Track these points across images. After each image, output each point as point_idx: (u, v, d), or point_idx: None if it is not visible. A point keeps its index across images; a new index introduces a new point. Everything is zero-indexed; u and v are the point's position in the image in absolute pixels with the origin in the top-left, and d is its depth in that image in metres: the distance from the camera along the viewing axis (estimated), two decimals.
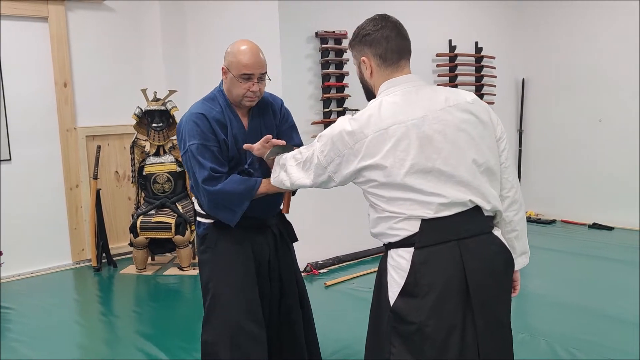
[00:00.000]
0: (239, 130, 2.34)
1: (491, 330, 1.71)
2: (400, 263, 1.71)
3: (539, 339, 3.27)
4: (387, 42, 1.80)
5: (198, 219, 2.47)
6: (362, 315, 3.16)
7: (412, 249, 1.69)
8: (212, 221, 2.39)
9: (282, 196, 2.42)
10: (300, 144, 2.48)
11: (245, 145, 2.26)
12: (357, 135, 1.70)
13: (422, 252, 1.67)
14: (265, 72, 2.31)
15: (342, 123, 1.75)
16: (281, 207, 2.43)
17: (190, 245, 5.05)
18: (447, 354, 1.65)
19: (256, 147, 2.21)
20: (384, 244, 1.81)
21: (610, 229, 5.86)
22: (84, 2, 5.19)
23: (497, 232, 1.82)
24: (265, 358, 2.38)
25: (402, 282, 1.69)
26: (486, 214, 1.76)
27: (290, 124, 2.56)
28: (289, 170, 1.95)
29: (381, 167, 1.67)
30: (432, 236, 1.68)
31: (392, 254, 1.75)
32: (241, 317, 2.34)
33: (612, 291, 4.08)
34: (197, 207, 2.46)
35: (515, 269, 1.91)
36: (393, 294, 1.72)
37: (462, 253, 1.68)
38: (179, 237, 4.83)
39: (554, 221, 6.30)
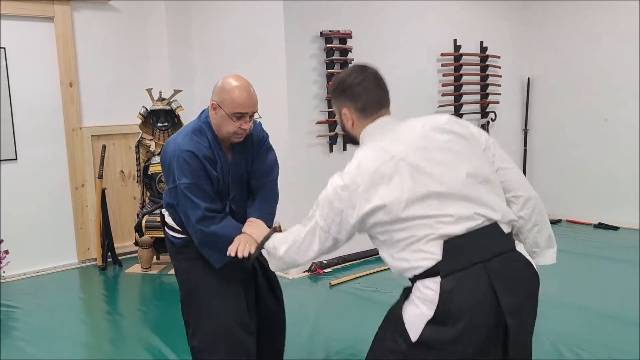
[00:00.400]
0: (225, 164, 2.31)
1: (523, 343, 1.76)
2: (427, 294, 1.67)
3: (544, 339, 3.26)
4: (367, 95, 1.85)
5: (173, 233, 2.44)
6: (367, 314, 3.18)
7: (438, 278, 1.66)
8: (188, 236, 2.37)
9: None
10: (274, 162, 2.51)
11: (230, 249, 2.17)
12: (351, 187, 1.72)
13: (449, 280, 1.65)
14: (256, 111, 2.27)
15: (334, 181, 1.77)
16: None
17: None
18: None
19: (240, 250, 2.14)
20: (410, 279, 1.76)
21: (615, 228, 5.84)
22: (90, 2, 5.20)
23: (519, 247, 1.80)
24: None
25: (430, 312, 1.66)
26: (503, 228, 1.75)
27: (267, 146, 2.50)
28: (284, 256, 1.92)
29: (381, 207, 1.69)
30: (456, 261, 1.66)
31: (419, 285, 1.71)
32: (230, 323, 2.33)
33: (617, 291, 4.06)
34: (170, 222, 2.44)
35: (543, 263, 1.93)
36: (415, 327, 1.69)
37: (489, 276, 1.66)
38: None
39: (559, 221, 6.29)
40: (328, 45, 4.71)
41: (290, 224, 2.33)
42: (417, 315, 1.69)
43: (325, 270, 4.71)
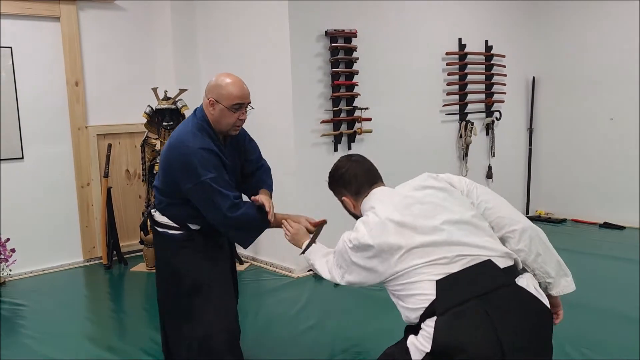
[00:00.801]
0: (225, 157, 2.50)
1: None
2: (428, 332, 1.75)
3: None
4: (356, 178, 2.13)
5: (169, 231, 2.56)
6: (371, 313, 3.18)
7: (433, 319, 1.74)
8: (195, 228, 2.53)
9: None
10: (258, 148, 2.81)
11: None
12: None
13: (445, 317, 1.71)
14: (250, 102, 2.49)
15: (344, 238, 2.04)
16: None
17: None
18: None
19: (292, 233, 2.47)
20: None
21: (621, 228, 5.82)
22: (96, 1, 5.22)
23: (522, 281, 1.83)
24: None
25: (429, 347, 1.73)
26: (498, 263, 1.81)
27: (249, 136, 2.77)
28: (314, 265, 2.29)
29: (374, 271, 1.94)
30: (450, 299, 1.73)
31: (423, 326, 1.79)
32: (232, 317, 2.54)
33: (623, 291, 4.05)
34: (165, 220, 2.56)
35: (561, 293, 1.99)
36: (417, 357, 1.78)
37: (488, 311, 1.69)
38: None
39: (564, 220, 6.27)
40: (333, 44, 4.71)
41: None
42: (419, 348, 1.78)
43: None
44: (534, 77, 6.58)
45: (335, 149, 4.84)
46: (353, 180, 2.12)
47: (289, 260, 4.72)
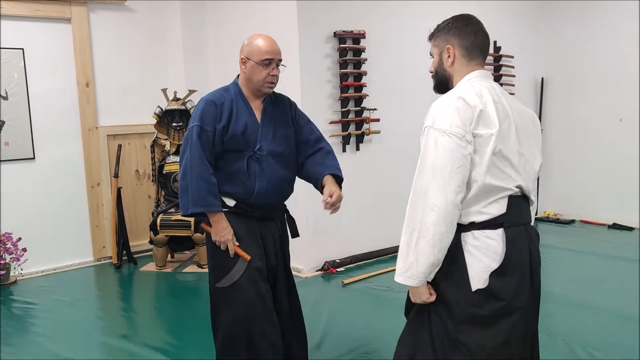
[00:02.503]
0: (251, 120, 2.47)
1: (537, 305, 1.93)
2: (489, 244, 1.77)
3: (557, 339, 3.26)
4: (475, 37, 1.94)
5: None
6: (379, 313, 3.19)
7: (500, 230, 1.78)
8: (225, 209, 2.46)
9: (291, 189, 2.63)
10: (320, 136, 2.68)
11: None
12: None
13: (510, 232, 1.78)
14: (281, 60, 2.49)
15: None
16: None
17: None
18: (522, 329, 1.81)
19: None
20: (461, 225, 1.80)
21: (630, 229, 5.80)
22: (106, 3, 5.27)
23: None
24: None
25: (493, 262, 1.76)
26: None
27: (306, 118, 2.71)
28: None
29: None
30: (515, 218, 1.80)
31: (477, 235, 1.78)
32: (254, 314, 2.43)
33: (632, 292, 4.04)
34: None
35: None
36: (478, 275, 1.77)
37: (528, 237, 1.84)
38: (198, 234, 4.89)
39: (573, 221, 6.26)
40: (341, 45, 4.73)
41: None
42: (473, 264, 1.78)
43: (338, 270, 4.73)
44: (542, 78, 6.57)
45: (344, 150, 4.86)
46: (472, 35, 1.95)
47: (297, 260, 4.73)
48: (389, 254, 5.03)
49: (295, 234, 2.73)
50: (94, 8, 5.22)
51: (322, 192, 2.49)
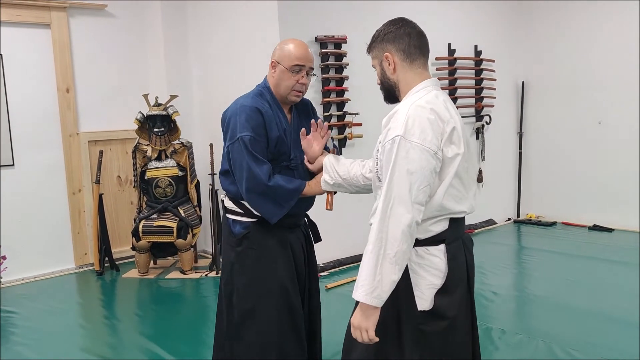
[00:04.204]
0: (287, 127, 2.39)
1: (473, 306, 1.93)
2: (432, 261, 1.76)
3: (537, 340, 3.29)
4: (409, 37, 1.87)
5: (232, 217, 2.43)
6: None
7: (442, 246, 1.77)
8: (253, 219, 2.36)
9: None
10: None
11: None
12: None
13: (451, 249, 1.78)
14: (313, 68, 2.39)
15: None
16: (325, 206, 2.40)
17: (192, 249, 5.08)
18: (469, 346, 1.84)
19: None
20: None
21: (610, 230, 5.88)
22: (86, 8, 5.23)
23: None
24: None
25: (437, 280, 1.75)
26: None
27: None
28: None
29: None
30: (455, 233, 1.80)
31: (420, 252, 1.76)
32: (283, 338, 2.36)
33: (612, 292, 4.10)
34: (230, 205, 2.42)
35: None
36: (423, 293, 1.75)
37: (464, 248, 1.86)
38: (180, 240, 4.86)
39: (554, 223, 6.32)
40: (323, 50, 4.75)
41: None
42: (418, 283, 1.76)
43: (322, 274, 4.73)
44: (523, 82, 6.64)
45: None
46: (406, 37, 1.86)
47: None
48: None
49: (317, 239, 2.65)
50: (73, 13, 5.18)
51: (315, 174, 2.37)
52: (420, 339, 1.75)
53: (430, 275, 1.76)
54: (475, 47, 6.13)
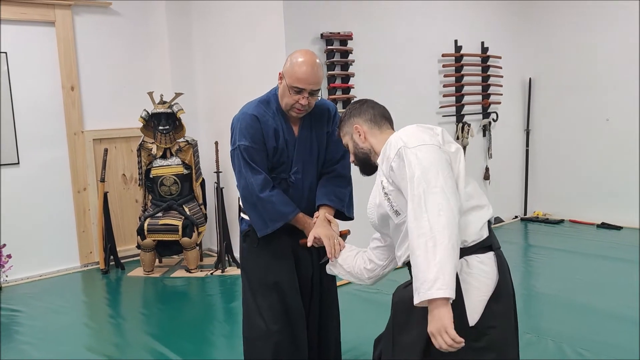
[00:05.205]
0: (289, 137, 2.34)
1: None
2: (485, 271, 1.70)
3: (547, 340, 3.25)
4: (373, 109, 2.00)
5: (241, 213, 2.50)
6: (370, 316, 3.18)
7: (492, 254, 1.74)
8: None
9: None
10: (342, 155, 2.43)
11: (301, 241, 2.31)
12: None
13: (497, 255, 1.76)
14: (319, 89, 2.27)
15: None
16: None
17: (197, 248, 5.06)
18: (511, 353, 1.80)
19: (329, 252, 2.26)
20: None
21: (618, 228, 5.83)
22: (91, 6, 5.21)
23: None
24: None
25: (490, 290, 1.70)
26: None
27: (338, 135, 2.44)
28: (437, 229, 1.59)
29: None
30: (495, 238, 1.80)
31: (470, 260, 1.69)
32: (277, 337, 2.38)
33: (620, 291, 4.05)
34: (241, 202, 2.46)
35: None
36: (475, 305, 1.68)
37: (504, 261, 1.82)
38: (186, 239, 4.84)
39: (561, 221, 6.27)
40: (328, 47, 4.71)
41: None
42: (479, 298, 1.69)
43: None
44: (530, 78, 6.59)
45: None
46: (370, 109, 1.98)
47: None
48: None
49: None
50: (78, 11, 5.17)
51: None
52: (469, 355, 1.66)
53: (483, 285, 1.69)
54: (482, 43, 6.09)
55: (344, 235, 2.35)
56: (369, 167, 1.99)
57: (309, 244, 2.26)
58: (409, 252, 1.60)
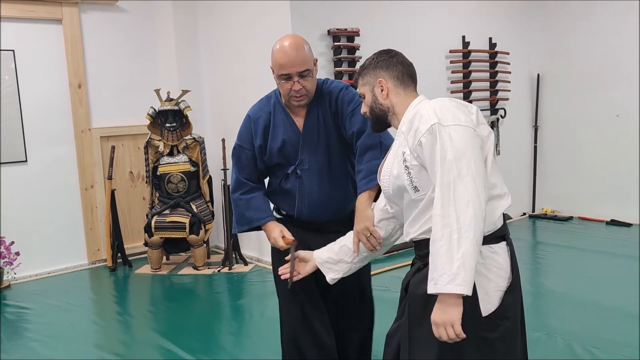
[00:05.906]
0: (292, 132, 2.29)
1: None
2: (498, 261, 1.67)
3: (556, 337, 3.22)
4: (403, 66, 1.87)
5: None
6: (377, 313, 3.13)
7: (504, 244, 1.70)
8: (278, 216, 2.45)
9: (344, 202, 2.37)
10: (357, 129, 2.23)
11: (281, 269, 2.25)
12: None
13: (510, 246, 1.74)
14: (307, 69, 2.17)
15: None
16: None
17: (205, 245, 5.06)
18: (524, 346, 1.80)
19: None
20: None
21: (628, 225, 5.78)
22: (98, 3, 5.22)
23: None
24: None
25: (504, 282, 1.67)
26: None
27: (349, 112, 2.27)
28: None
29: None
30: (507, 228, 1.75)
31: (485, 252, 1.65)
32: (295, 332, 2.40)
33: (630, 289, 4.01)
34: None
35: None
36: (489, 296, 1.65)
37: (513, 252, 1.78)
38: (193, 236, 4.84)
39: (570, 218, 6.23)
40: (335, 43, 4.69)
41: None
42: (494, 288, 1.66)
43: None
44: (538, 74, 6.54)
45: None
46: (399, 65, 1.85)
47: None
48: (386, 254, 4.99)
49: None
50: (85, 9, 5.17)
51: None
52: (483, 346, 1.64)
53: (496, 277, 1.66)
54: (490, 39, 6.04)
55: (291, 245, 2.23)
56: (382, 124, 1.88)
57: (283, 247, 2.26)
58: (431, 240, 1.56)
